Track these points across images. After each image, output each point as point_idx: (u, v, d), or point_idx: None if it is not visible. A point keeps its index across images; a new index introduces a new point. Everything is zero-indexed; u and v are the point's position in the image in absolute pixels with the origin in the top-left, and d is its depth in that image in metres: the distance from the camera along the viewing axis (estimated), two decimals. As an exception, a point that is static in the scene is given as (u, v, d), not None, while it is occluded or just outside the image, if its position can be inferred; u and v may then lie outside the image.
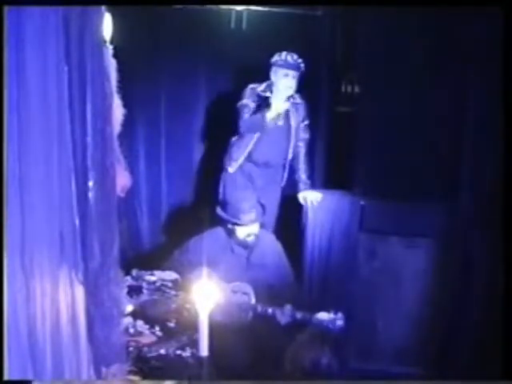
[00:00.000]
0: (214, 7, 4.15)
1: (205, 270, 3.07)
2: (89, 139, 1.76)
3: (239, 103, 3.93)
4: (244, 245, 3.42)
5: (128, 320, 2.73)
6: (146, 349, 2.62)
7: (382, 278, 3.65)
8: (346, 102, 4.29)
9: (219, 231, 3.49)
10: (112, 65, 2.29)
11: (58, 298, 1.69)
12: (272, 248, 3.53)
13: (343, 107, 4.31)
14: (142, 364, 2.49)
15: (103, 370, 1.95)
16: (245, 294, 3.18)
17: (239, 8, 4.15)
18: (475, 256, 3.27)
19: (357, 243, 3.67)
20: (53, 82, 1.63)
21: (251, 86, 3.96)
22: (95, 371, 1.91)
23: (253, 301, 3.17)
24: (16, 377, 1.54)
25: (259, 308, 3.13)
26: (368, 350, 3.64)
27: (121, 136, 2.39)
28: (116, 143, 2.24)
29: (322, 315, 2.92)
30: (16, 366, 1.53)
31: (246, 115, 3.90)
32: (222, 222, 3.50)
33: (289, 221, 4.09)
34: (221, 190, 4.04)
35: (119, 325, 1.99)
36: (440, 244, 3.55)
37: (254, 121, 3.89)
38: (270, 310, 3.10)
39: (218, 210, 3.50)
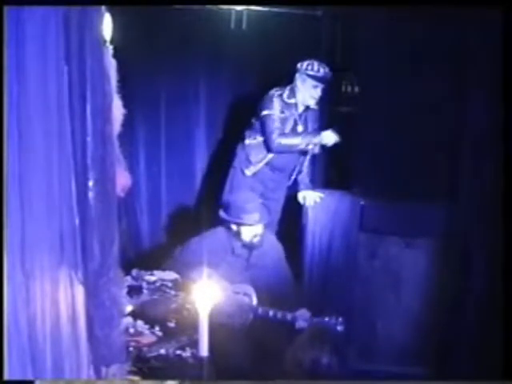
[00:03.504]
0: (213, 7, 4.15)
1: (205, 271, 3.08)
2: (89, 139, 1.76)
3: (266, 112, 3.89)
4: (249, 246, 3.41)
5: (128, 320, 2.73)
6: (145, 349, 2.61)
7: (381, 278, 3.66)
8: (346, 102, 4.30)
9: (220, 232, 3.48)
10: (112, 65, 2.29)
11: (58, 298, 1.69)
12: (272, 250, 3.52)
13: (343, 107, 4.32)
14: (142, 364, 2.48)
15: (103, 369, 1.95)
16: (246, 295, 3.18)
17: (239, 8, 4.15)
18: (475, 256, 3.27)
19: (357, 243, 3.67)
20: (53, 82, 1.63)
21: (276, 91, 3.92)
22: (95, 371, 1.91)
23: (254, 302, 3.17)
24: (16, 377, 1.54)
25: (260, 310, 3.13)
26: (368, 350, 3.65)
27: (121, 136, 2.39)
28: (116, 143, 2.24)
29: (323, 319, 2.92)
30: (16, 366, 1.53)
31: (274, 134, 3.87)
32: (223, 223, 3.49)
33: (289, 221, 4.08)
34: (227, 190, 4.00)
35: (119, 325, 1.99)
36: (440, 244, 3.56)
37: (286, 144, 3.89)
38: (271, 313, 3.10)
39: (221, 213, 3.48)
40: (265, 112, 3.89)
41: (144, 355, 2.56)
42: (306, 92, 3.88)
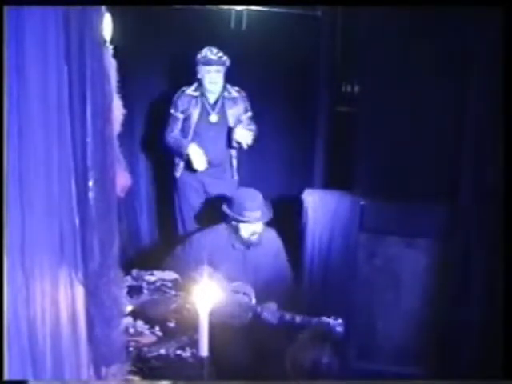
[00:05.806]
0: (213, 7, 4.16)
1: (205, 269, 3.08)
2: (89, 139, 1.77)
3: (171, 110, 3.99)
4: (247, 243, 3.41)
5: (128, 320, 2.73)
6: (145, 349, 2.62)
7: (381, 278, 3.65)
8: (345, 102, 4.29)
9: (221, 228, 3.49)
10: (112, 65, 2.29)
11: (58, 298, 1.69)
12: (272, 245, 3.51)
13: (343, 107, 4.31)
14: (142, 364, 2.49)
15: (103, 369, 1.95)
16: (245, 294, 3.18)
17: (239, 8, 4.16)
18: (475, 256, 3.27)
19: (357, 243, 3.66)
20: (53, 82, 1.63)
21: (182, 88, 4.01)
22: (95, 371, 1.91)
23: (253, 301, 3.17)
24: (16, 377, 1.54)
25: (259, 309, 3.13)
26: (368, 350, 3.64)
27: (121, 136, 2.39)
28: (116, 143, 2.24)
29: (323, 320, 2.92)
30: (16, 366, 1.53)
31: (167, 131, 3.99)
32: (225, 219, 3.50)
33: (289, 221, 4.08)
34: (175, 197, 4.12)
35: (119, 325, 1.99)
36: (440, 244, 3.55)
37: (171, 143, 4.00)
38: (265, 312, 3.11)
39: (224, 208, 3.48)
40: (171, 109, 4.02)
41: (144, 355, 2.57)
42: (204, 79, 3.95)
